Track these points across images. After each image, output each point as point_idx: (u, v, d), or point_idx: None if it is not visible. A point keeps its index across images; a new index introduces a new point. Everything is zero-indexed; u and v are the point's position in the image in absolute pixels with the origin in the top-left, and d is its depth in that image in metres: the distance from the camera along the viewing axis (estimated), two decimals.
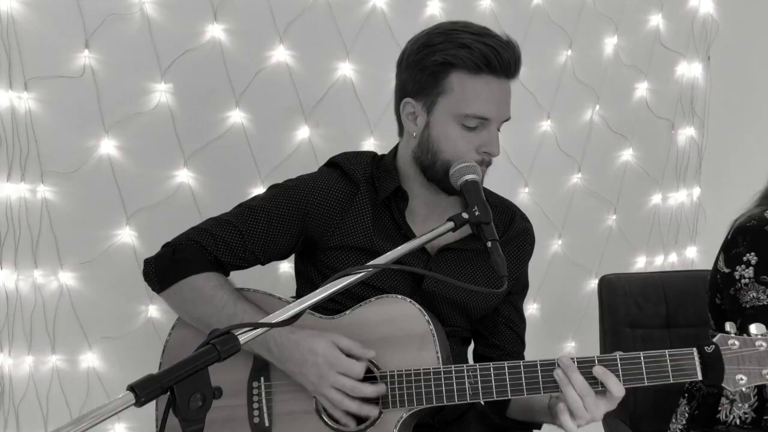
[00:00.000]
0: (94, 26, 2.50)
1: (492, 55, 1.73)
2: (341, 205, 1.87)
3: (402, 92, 1.85)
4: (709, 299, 2.21)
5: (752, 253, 2.01)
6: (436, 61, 1.76)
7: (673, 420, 2.20)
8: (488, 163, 1.82)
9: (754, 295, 1.99)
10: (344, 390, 1.67)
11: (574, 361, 1.63)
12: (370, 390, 1.68)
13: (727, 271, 2.07)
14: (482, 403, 2.03)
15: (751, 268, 2.00)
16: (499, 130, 1.82)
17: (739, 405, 2.03)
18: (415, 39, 1.83)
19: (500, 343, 1.98)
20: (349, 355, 1.70)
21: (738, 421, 2.03)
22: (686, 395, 2.21)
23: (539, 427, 1.94)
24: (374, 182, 1.90)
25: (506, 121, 1.84)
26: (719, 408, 2.08)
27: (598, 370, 1.62)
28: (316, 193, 1.87)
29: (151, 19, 2.57)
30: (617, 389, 1.60)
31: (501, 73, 1.76)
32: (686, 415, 2.17)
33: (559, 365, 1.64)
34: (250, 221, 1.86)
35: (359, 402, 1.69)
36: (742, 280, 2.01)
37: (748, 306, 1.99)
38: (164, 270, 1.83)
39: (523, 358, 1.98)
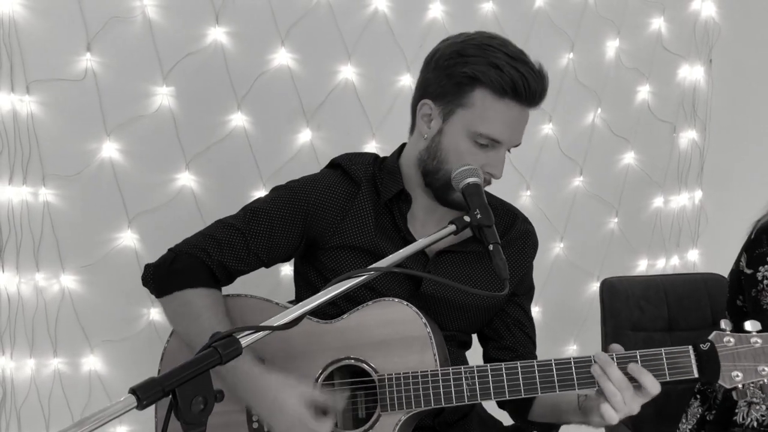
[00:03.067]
0: (96, 29, 2.50)
1: (521, 82, 1.71)
2: (342, 205, 1.86)
3: (422, 91, 1.83)
4: (728, 300, 2.19)
5: None
6: (465, 73, 1.73)
7: (683, 420, 2.19)
8: (488, 183, 1.81)
9: None
10: None
11: (613, 358, 1.62)
12: None
13: (749, 272, 2.04)
14: (482, 404, 2.03)
15: None
16: (509, 151, 1.82)
17: (757, 407, 2.02)
18: (450, 42, 1.80)
19: (512, 345, 1.96)
20: (320, 407, 1.67)
21: (755, 424, 2.02)
22: (698, 396, 2.19)
23: (557, 428, 1.93)
24: (376, 183, 1.90)
25: (516, 146, 1.83)
26: (736, 410, 2.07)
27: (633, 367, 1.60)
28: (317, 193, 1.86)
29: (153, 22, 2.57)
30: (652, 385, 1.60)
31: (525, 101, 1.75)
32: (697, 416, 2.16)
33: (596, 361, 1.62)
34: (252, 223, 1.85)
35: None
36: (765, 281, 1.99)
37: None
38: (161, 278, 1.82)
39: (535, 358, 1.97)
